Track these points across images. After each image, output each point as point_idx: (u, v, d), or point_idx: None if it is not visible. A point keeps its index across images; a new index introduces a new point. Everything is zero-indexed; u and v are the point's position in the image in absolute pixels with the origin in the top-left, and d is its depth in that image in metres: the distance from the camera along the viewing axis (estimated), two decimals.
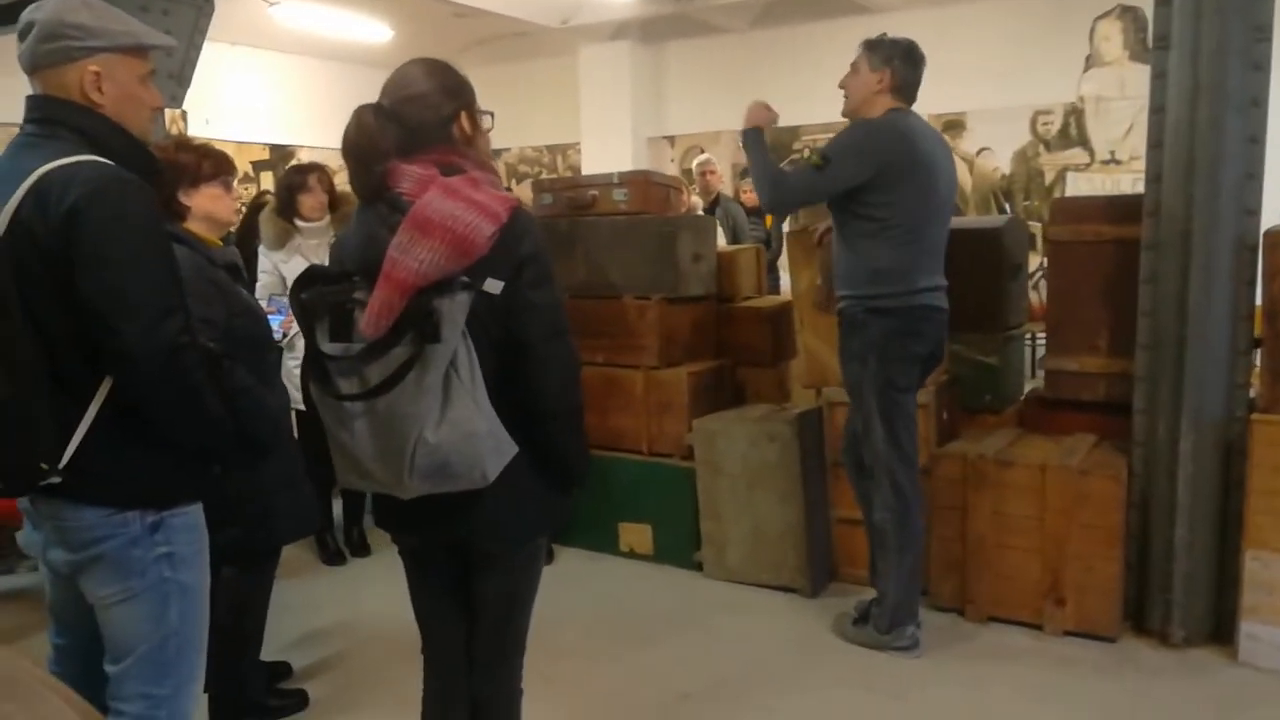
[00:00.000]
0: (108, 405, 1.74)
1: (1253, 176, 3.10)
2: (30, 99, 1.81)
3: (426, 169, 1.77)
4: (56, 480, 1.71)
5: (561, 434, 1.87)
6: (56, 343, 1.71)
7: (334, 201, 3.97)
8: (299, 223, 3.93)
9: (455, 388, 1.69)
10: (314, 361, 1.77)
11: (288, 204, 3.94)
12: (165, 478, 1.83)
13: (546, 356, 1.80)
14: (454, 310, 1.68)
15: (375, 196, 1.80)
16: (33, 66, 1.79)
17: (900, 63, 3.06)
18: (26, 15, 1.78)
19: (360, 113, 1.79)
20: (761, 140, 3.13)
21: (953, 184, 3.20)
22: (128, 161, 1.78)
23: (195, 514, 1.89)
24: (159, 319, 1.70)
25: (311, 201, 3.92)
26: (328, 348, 1.74)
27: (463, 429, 1.69)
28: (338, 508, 4.36)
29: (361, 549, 4.28)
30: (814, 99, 8.63)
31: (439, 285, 1.68)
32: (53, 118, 1.77)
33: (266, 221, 3.98)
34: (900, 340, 3.08)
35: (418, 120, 1.80)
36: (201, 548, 1.91)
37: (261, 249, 3.99)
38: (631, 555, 4.19)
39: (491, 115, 1.92)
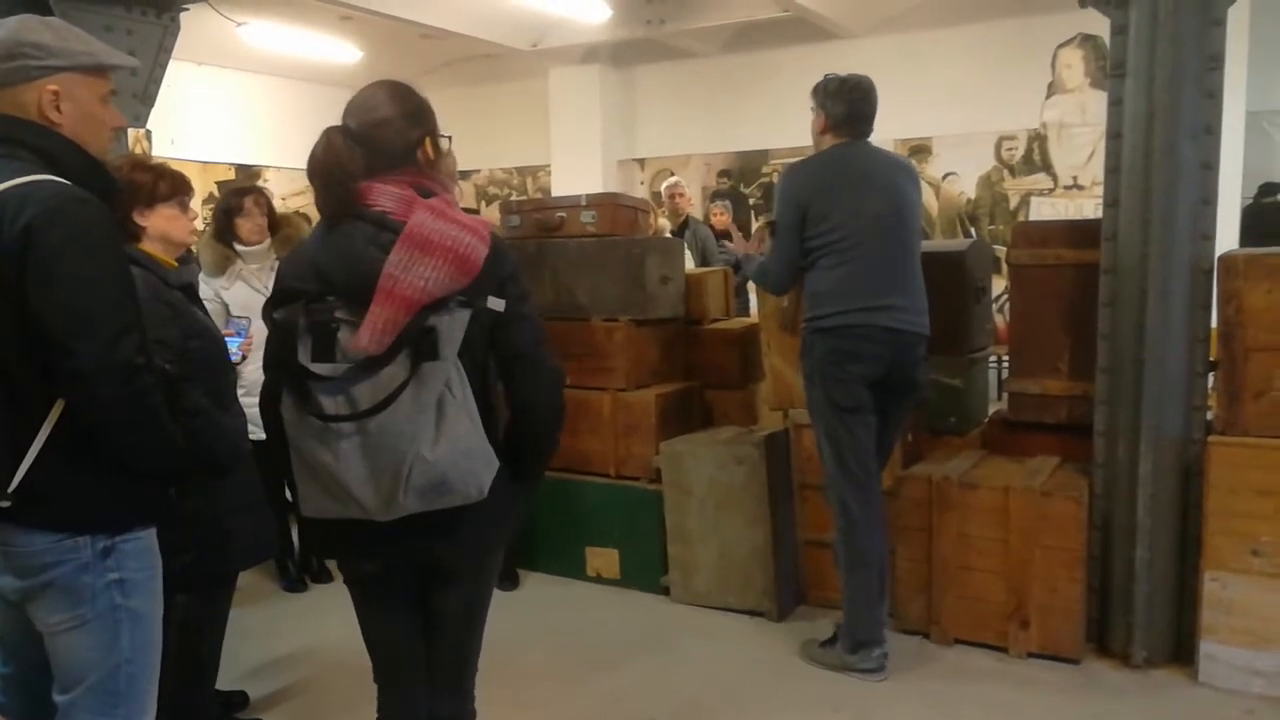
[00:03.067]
0: (59, 428, 1.71)
1: (1207, 202, 3.16)
2: None
3: (404, 189, 1.79)
4: (6, 505, 1.68)
5: (549, 435, 1.97)
6: (8, 363, 1.68)
7: (274, 224, 3.82)
8: (238, 247, 3.77)
9: (450, 405, 1.72)
10: (294, 381, 1.75)
11: (225, 228, 3.76)
12: (117, 501, 1.79)
13: (539, 362, 1.89)
14: (453, 328, 1.73)
15: (346, 214, 1.79)
16: None
17: (829, 101, 3.20)
18: None
19: (329, 134, 1.79)
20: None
21: (897, 203, 3.18)
22: (85, 181, 1.76)
23: (148, 539, 1.86)
24: (115, 339, 1.67)
25: (250, 225, 3.75)
26: (315, 367, 1.73)
27: (460, 445, 1.73)
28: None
29: (323, 575, 4.21)
30: (782, 123, 8.76)
31: (435, 304, 1.72)
32: (10, 137, 1.75)
33: (204, 247, 3.79)
34: (837, 360, 3.13)
35: (385, 145, 1.81)
36: (155, 574, 1.87)
37: (201, 276, 3.75)
38: (598, 580, 4.16)
39: (449, 138, 1.93)
